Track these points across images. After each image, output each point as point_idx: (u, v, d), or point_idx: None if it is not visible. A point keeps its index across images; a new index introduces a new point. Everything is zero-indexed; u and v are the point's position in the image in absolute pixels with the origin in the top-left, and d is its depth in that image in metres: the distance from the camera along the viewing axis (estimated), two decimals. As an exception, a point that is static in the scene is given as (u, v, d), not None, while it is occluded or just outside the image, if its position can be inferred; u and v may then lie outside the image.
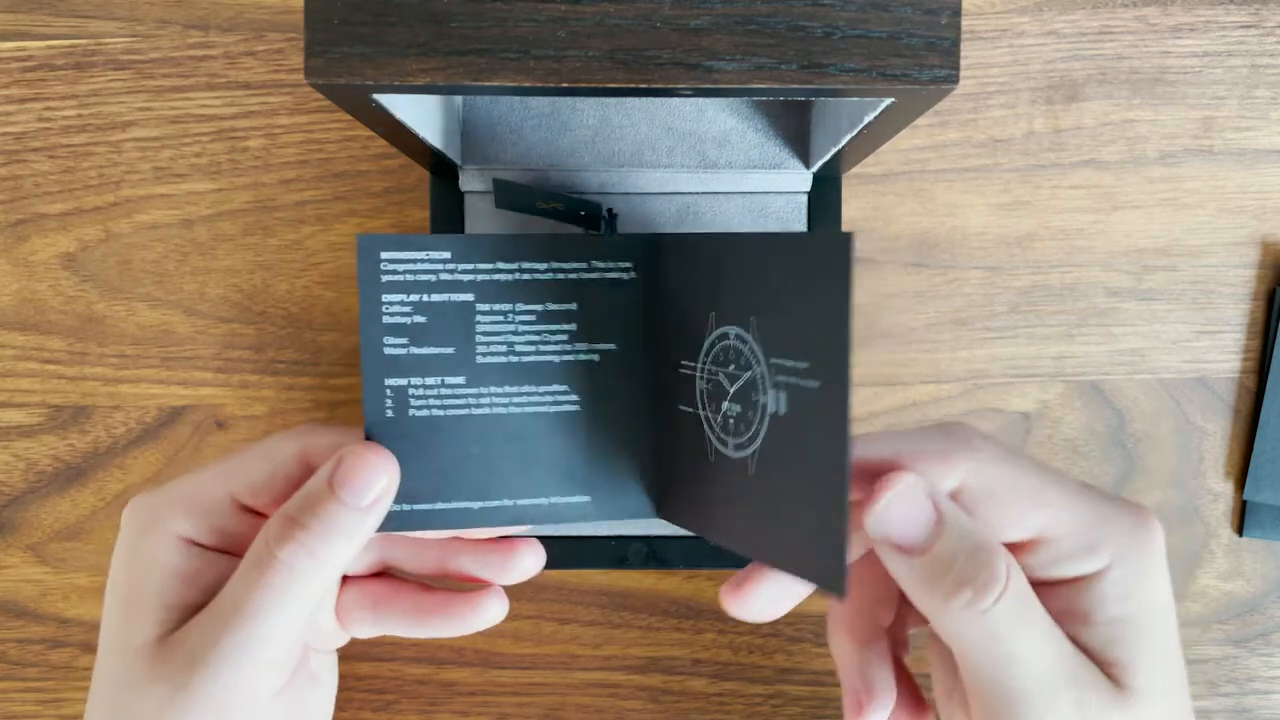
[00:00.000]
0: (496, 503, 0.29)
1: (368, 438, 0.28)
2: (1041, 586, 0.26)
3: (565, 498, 0.29)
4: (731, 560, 0.38)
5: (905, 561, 0.25)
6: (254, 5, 0.40)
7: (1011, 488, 0.26)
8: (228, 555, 0.29)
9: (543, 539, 0.37)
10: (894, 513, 0.25)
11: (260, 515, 0.29)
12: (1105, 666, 0.26)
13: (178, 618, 0.27)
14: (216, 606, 0.27)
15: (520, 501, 0.29)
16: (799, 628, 0.41)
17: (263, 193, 0.40)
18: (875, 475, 0.26)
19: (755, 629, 0.40)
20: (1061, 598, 0.26)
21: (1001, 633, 0.24)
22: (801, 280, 0.23)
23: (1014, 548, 0.26)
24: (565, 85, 0.24)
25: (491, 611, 0.32)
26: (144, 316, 0.40)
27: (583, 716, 0.41)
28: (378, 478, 0.27)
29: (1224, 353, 0.40)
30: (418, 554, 0.32)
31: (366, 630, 0.33)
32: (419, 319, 0.28)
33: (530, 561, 0.32)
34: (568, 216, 0.36)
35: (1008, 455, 0.26)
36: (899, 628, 0.31)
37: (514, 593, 0.40)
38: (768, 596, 0.27)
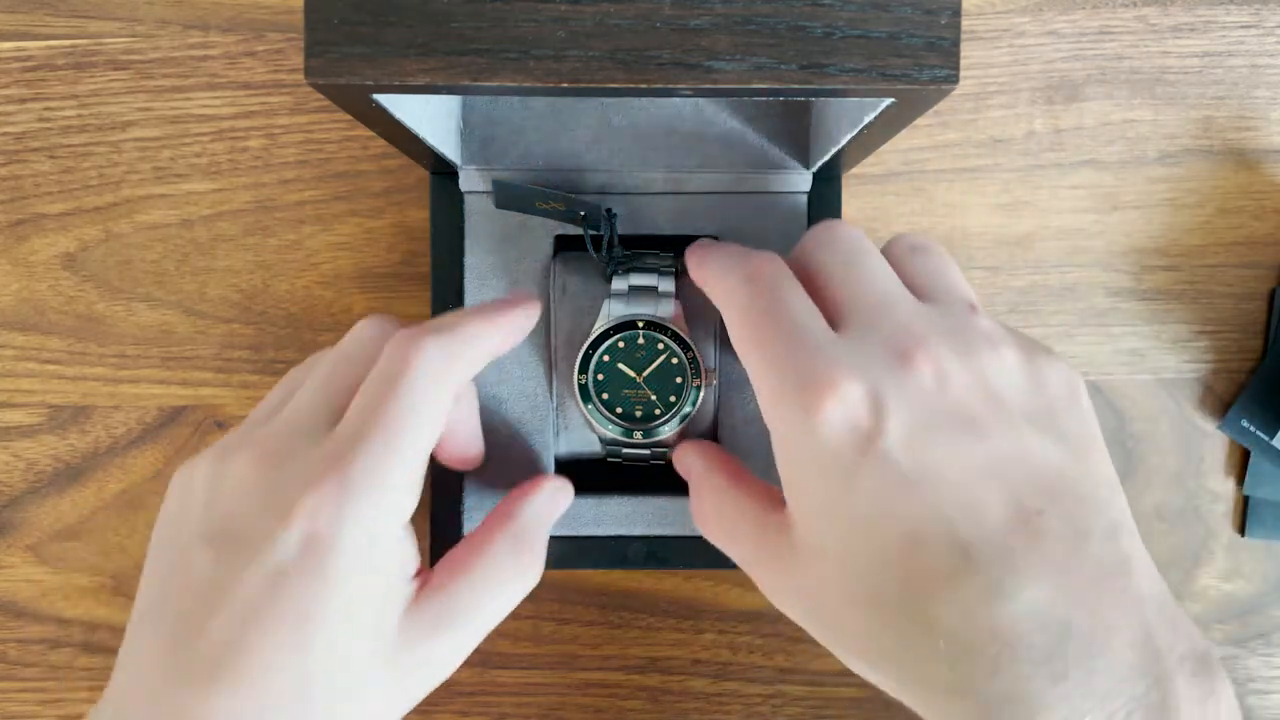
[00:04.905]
0: None
1: None
2: None
3: None
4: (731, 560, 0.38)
5: None
6: (254, 5, 0.40)
7: None
8: None
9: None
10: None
11: None
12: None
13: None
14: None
15: None
16: (800, 628, 0.41)
17: (263, 193, 0.40)
18: None
19: (755, 629, 0.40)
20: None
21: None
22: None
23: None
24: (565, 85, 0.24)
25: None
26: (144, 316, 0.40)
27: (583, 716, 0.41)
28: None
29: (1224, 353, 0.40)
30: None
31: None
32: None
33: None
34: (568, 217, 0.36)
35: None
36: None
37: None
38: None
